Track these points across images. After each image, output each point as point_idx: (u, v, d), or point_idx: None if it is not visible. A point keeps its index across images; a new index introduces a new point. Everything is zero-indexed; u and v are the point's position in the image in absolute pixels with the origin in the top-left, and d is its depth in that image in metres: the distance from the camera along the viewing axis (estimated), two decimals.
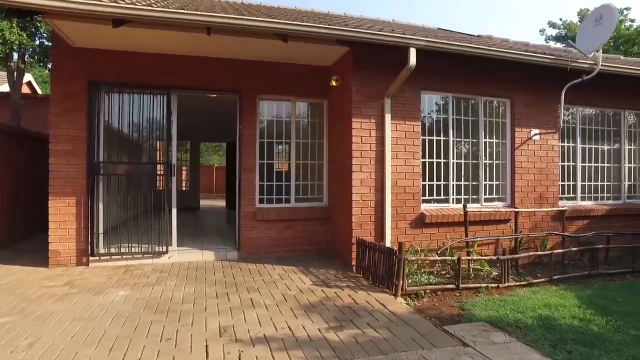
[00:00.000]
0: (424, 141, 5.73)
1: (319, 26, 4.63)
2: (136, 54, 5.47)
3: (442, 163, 5.89)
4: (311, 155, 6.34)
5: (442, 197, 5.89)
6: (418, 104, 5.61)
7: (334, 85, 5.79)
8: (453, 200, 5.93)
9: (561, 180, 6.54)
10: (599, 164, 6.93)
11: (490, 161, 6.16)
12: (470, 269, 4.98)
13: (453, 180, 5.93)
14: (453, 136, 5.93)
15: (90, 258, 5.26)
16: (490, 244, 5.93)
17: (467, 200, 6.02)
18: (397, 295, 4.28)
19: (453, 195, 5.93)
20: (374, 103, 5.38)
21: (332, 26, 4.69)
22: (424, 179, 5.72)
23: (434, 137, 5.85)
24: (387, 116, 5.36)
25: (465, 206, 5.02)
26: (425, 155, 5.73)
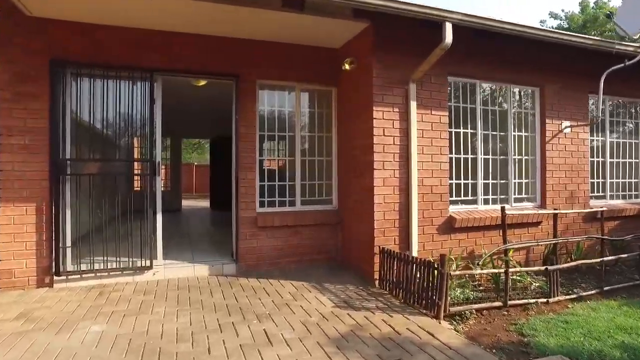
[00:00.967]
0: (450, 134, 5.01)
1: None
2: (111, 29, 4.48)
3: (470, 159, 5.19)
4: (318, 150, 5.52)
5: (470, 198, 5.19)
6: (445, 91, 4.88)
7: (347, 69, 4.98)
8: (481, 201, 5.25)
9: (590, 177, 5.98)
10: (627, 160, 6.41)
11: (519, 157, 5.52)
12: (508, 281, 4.30)
13: (481, 178, 5.24)
14: (481, 129, 5.24)
15: (54, 278, 4.26)
16: (521, 250, 5.29)
17: (495, 200, 5.35)
18: (440, 317, 3.54)
19: (481, 195, 5.24)
20: (398, 89, 4.61)
21: None
22: (450, 177, 5.01)
23: (461, 130, 5.14)
24: (413, 104, 4.61)
25: (503, 208, 4.35)
26: (451, 150, 5.02)
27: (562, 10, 22.32)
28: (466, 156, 5.17)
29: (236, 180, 5.02)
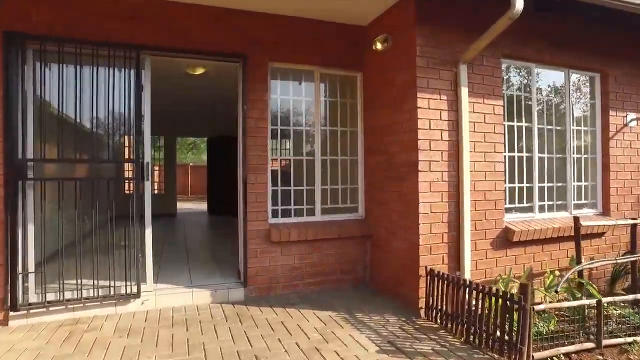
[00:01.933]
0: (503, 128, 4.14)
1: None
2: None
3: (525, 158, 4.32)
4: (341, 148, 4.62)
5: (525, 205, 4.32)
6: (499, 75, 4.00)
7: (379, 49, 4.09)
8: (537, 208, 4.38)
9: None
10: None
11: (578, 155, 4.66)
12: (601, 314, 3.44)
13: (537, 181, 4.38)
14: (537, 122, 4.38)
15: (10, 313, 3.31)
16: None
17: (552, 207, 4.49)
18: None
19: (537, 201, 4.38)
20: (446, 72, 3.72)
21: None
22: (504, 180, 4.14)
23: (514, 123, 4.27)
24: (464, 90, 3.72)
25: (577, 218, 3.50)
26: (504, 147, 4.15)
27: None
28: (520, 154, 4.30)
29: (244, 184, 4.10)
